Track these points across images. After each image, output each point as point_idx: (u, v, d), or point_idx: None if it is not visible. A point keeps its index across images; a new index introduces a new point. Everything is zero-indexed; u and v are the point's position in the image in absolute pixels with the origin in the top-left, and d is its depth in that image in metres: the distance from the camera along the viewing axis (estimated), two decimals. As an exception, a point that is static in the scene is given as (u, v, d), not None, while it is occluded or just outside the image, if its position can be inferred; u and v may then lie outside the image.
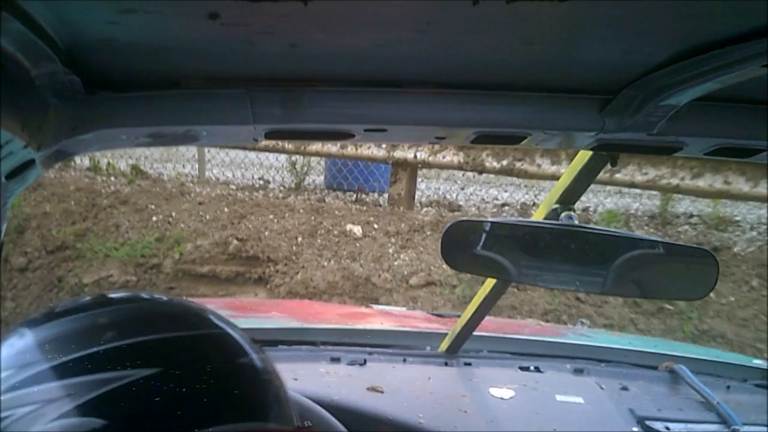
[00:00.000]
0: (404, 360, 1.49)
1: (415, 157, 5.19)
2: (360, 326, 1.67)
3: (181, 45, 0.58)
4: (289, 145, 5.49)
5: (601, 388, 1.44)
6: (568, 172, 1.10)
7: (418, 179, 5.60)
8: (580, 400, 1.38)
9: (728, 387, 1.50)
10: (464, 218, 1.12)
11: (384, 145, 5.21)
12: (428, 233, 4.67)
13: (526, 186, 6.13)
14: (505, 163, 4.92)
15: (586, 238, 1.04)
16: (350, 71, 0.66)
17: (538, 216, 1.17)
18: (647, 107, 0.68)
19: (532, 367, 1.51)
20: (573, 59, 0.63)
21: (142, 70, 0.64)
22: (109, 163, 6.21)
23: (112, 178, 5.93)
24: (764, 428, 1.31)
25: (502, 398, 1.37)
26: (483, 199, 6.15)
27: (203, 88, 0.68)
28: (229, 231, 4.62)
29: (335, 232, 4.68)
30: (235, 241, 4.45)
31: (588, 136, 0.76)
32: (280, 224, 4.77)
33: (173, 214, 4.96)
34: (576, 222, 1.06)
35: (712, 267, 1.05)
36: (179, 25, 0.54)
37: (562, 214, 1.09)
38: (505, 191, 6.47)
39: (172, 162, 6.97)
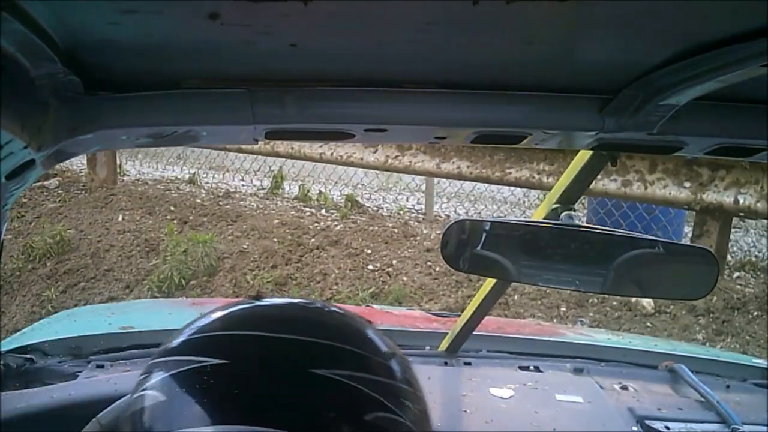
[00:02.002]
0: None
1: (736, 202, 3.52)
2: (360, 326, 1.66)
3: (181, 45, 0.58)
4: (530, 176, 4.23)
5: (601, 388, 1.44)
6: (568, 172, 1.11)
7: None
8: (579, 399, 1.38)
9: (728, 386, 1.50)
10: (464, 218, 1.12)
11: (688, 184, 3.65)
12: (754, 314, 3.35)
13: None
14: None
15: (586, 238, 1.04)
16: (350, 71, 0.66)
17: (538, 216, 1.17)
18: (647, 107, 0.68)
19: (531, 367, 1.51)
20: (573, 59, 0.63)
21: (142, 70, 0.64)
22: (320, 192, 5.51)
23: (323, 211, 5.16)
24: (764, 428, 1.31)
25: (501, 398, 1.37)
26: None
27: (203, 88, 0.68)
28: (465, 291, 3.63)
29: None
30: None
31: (588, 136, 0.76)
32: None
33: (394, 262, 4.08)
34: (576, 222, 1.06)
35: (712, 267, 1.05)
36: (179, 25, 0.54)
37: (563, 214, 1.09)
38: None
39: (392, 192, 6.00)
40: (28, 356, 1.30)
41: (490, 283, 1.35)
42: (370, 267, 4.06)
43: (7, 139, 0.52)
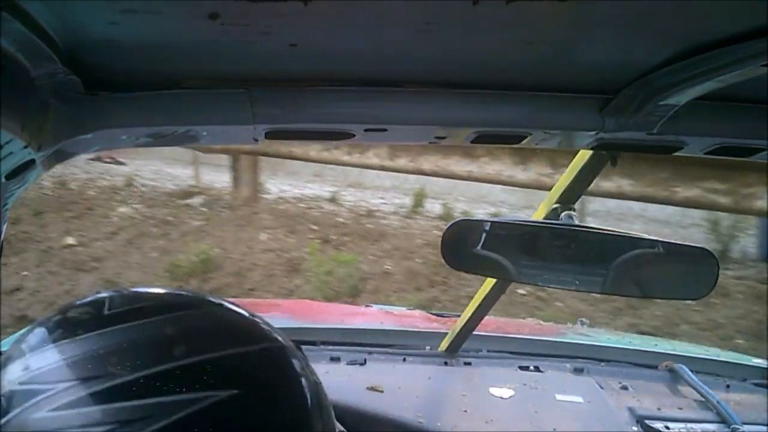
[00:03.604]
0: (404, 359, 1.49)
1: None
2: (360, 326, 1.66)
3: (181, 45, 0.58)
4: (701, 196, 3.87)
5: (601, 388, 1.44)
6: (568, 171, 1.10)
7: None
8: (579, 399, 1.38)
9: (728, 386, 1.50)
10: (464, 218, 1.12)
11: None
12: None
13: None
14: None
15: (586, 238, 1.04)
16: (350, 71, 0.66)
17: (538, 216, 1.17)
18: (647, 107, 0.68)
19: (531, 367, 1.51)
20: (573, 59, 0.63)
21: (142, 70, 0.64)
22: (464, 212, 5.22)
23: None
24: (764, 428, 1.31)
25: (501, 398, 1.37)
26: None
27: (203, 88, 0.68)
28: (627, 319, 3.10)
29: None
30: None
31: (588, 136, 0.76)
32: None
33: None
34: (576, 222, 1.06)
35: (712, 266, 1.05)
36: (179, 25, 0.54)
37: (562, 214, 1.09)
38: None
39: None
40: None
41: (490, 283, 1.35)
42: (521, 291, 3.73)
43: (7, 138, 0.52)
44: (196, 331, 0.58)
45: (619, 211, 5.50)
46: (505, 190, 5.50)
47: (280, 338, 0.63)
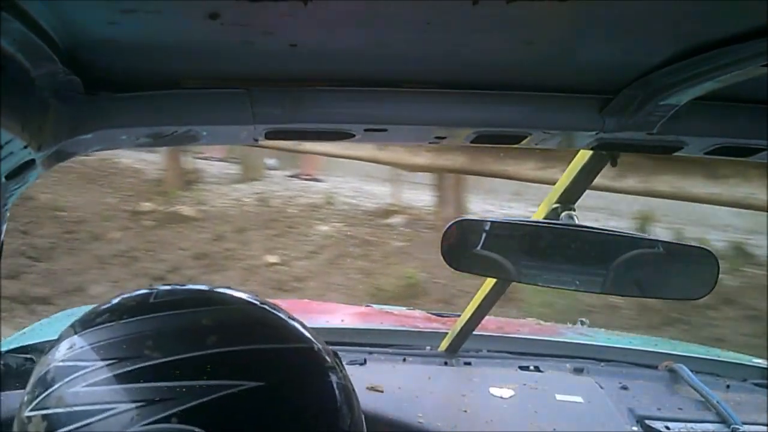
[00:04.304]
0: (404, 359, 1.49)
1: None
2: (360, 326, 1.66)
3: (181, 45, 0.58)
4: None
5: (601, 388, 1.43)
6: (568, 171, 1.11)
7: None
8: (579, 399, 1.38)
9: (728, 386, 1.50)
10: (464, 217, 1.12)
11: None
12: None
13: None
14: None
15: (587, 238, 1.04)
16: (350, 71, 0.66)
17: (538, 215, 1.17)
18: (647, 107, 0.68)
19: (531, 367, 1.51)
20: (573, 59, 0.63)
21: (142, 70, 0.64)
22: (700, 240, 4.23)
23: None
24: (764, 428, 1.31)
25: (501, 398, 1.37)
26: None
27: (203, 88, 0.68)
28: None
29: None
30: None
31: (588, 136, 0.76)
32: None
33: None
34: (576, 221, 1.06)
35: (712, 266, 1.05)
36: (179, 25, 0.54)
37: (563, 214, 1.09)
38: None
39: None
40: (28, 356, 1.30)
41: (490, 283, 1.35)
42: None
43: (8, 138, 0.52)
44: (230, 325, 0.61)
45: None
46: (731, 213, 4.56)
47: (314, 341, 0.65)
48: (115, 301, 0.63)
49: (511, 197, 6.68)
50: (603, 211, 5.75)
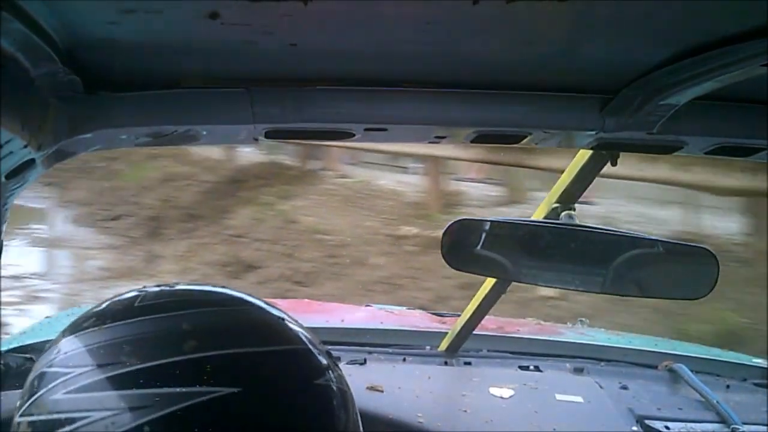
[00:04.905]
0: (404, 359, 1.49)
1: None
2: (360, 325, 1.66)
3: (181, 45, 0.58)
4: None
5: (601, 388, 1.43)
6: (568, 171, 1.11)
7: None
8: (579, 399, 1.38)
9: (728, 386, 1.50)
10: (465, 217, 1.12)
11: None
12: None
13: None
14: None
15: (587, 237, 1.04)
16: (350, 71, 0.66)
17: (538, 215, 1.17)
18: (647, 106, 0.68)
19: (531, 367, 1.51)
20: (573, 59, 0.63)
21: (142, 70, 0.64)
22: None
23: None
24: (764, 428, 1.31)
25: (501, 397, 1.37)
26: None
27: (203, 88, 0.68)
28: None
29: None
30: None
31: (588, 136, 0.76)
32: None
33: None
34: (576, 221, 1.06)
35: (712, 266, 1.05)
36: (179, 25, 0.54)
37: (563, 214, 1.09)
38: None
39: None
40: (28, 356, 1.30)
41: (490, 282, 1.35)
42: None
43: (7, 138, 0.52)
44: (210, 329, 0.59)
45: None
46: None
47: (306, 342, 0.63)
48: (104, 304, 0.63)
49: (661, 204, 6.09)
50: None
